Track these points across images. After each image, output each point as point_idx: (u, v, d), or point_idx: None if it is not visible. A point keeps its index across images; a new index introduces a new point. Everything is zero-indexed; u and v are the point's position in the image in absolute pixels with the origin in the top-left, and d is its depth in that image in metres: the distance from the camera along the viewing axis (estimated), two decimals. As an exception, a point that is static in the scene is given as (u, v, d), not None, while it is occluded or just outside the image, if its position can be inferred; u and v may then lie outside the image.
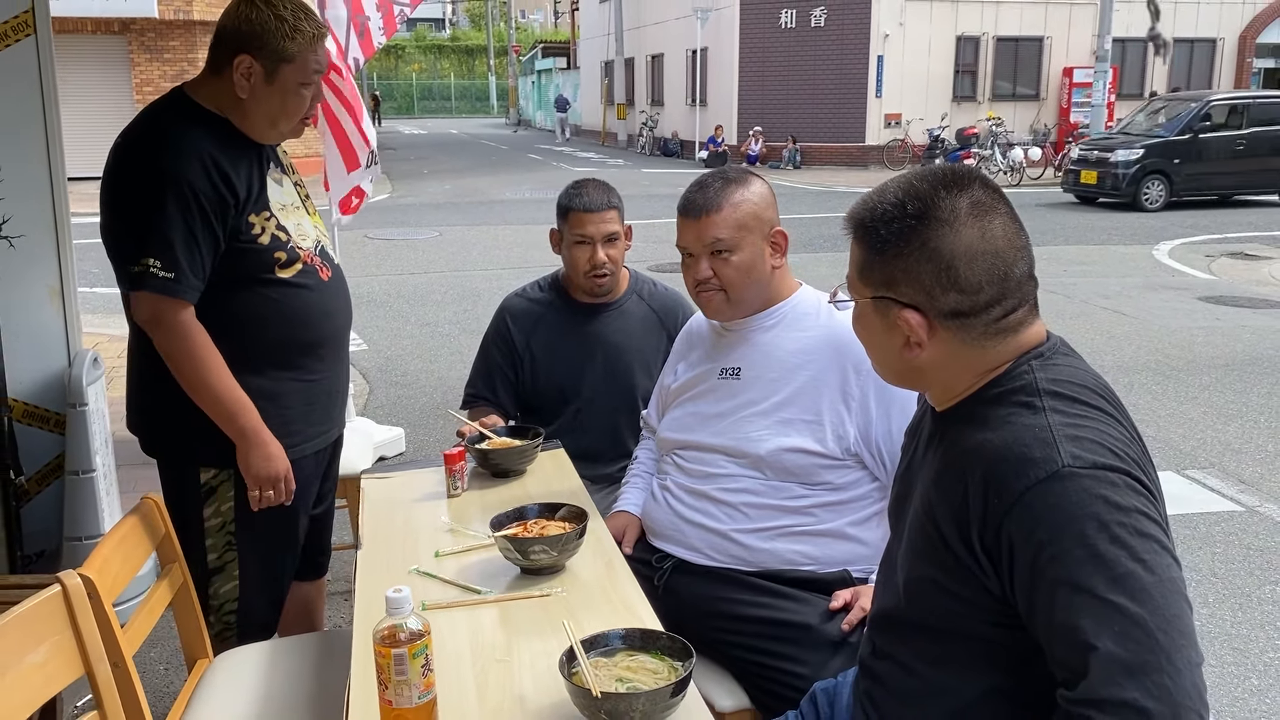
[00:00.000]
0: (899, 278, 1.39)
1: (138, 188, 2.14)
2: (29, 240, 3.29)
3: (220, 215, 2.17)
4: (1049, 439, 1.28)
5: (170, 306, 2.13)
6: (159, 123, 2.21)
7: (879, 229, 1.40)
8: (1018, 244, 1.38)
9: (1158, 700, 1.16)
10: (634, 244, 2.95)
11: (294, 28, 2.17)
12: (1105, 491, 1.23)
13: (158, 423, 2.32)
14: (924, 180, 1.40)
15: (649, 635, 1.60)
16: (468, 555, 2.06)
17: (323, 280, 2.37)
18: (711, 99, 26.01)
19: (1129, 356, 7.25)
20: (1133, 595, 1.19)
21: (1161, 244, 12.49)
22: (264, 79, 2.20)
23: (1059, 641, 1.24)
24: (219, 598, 2.40)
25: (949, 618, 1.39)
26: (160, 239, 2.10)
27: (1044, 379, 1.36)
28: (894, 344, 1.43)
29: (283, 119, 2.27)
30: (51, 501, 3.38)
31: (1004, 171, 20.06)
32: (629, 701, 1.42)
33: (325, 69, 2.31)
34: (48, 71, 3.28)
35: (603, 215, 2.76)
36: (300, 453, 2.37)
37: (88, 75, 18.34)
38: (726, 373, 2.27)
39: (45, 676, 1.66)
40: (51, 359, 3.37)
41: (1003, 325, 1.38)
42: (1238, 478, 4.92)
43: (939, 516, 1.37)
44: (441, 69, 63.06)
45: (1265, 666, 3.28)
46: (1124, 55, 24.39)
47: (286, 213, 2.35)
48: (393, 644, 1.37)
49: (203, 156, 2.15)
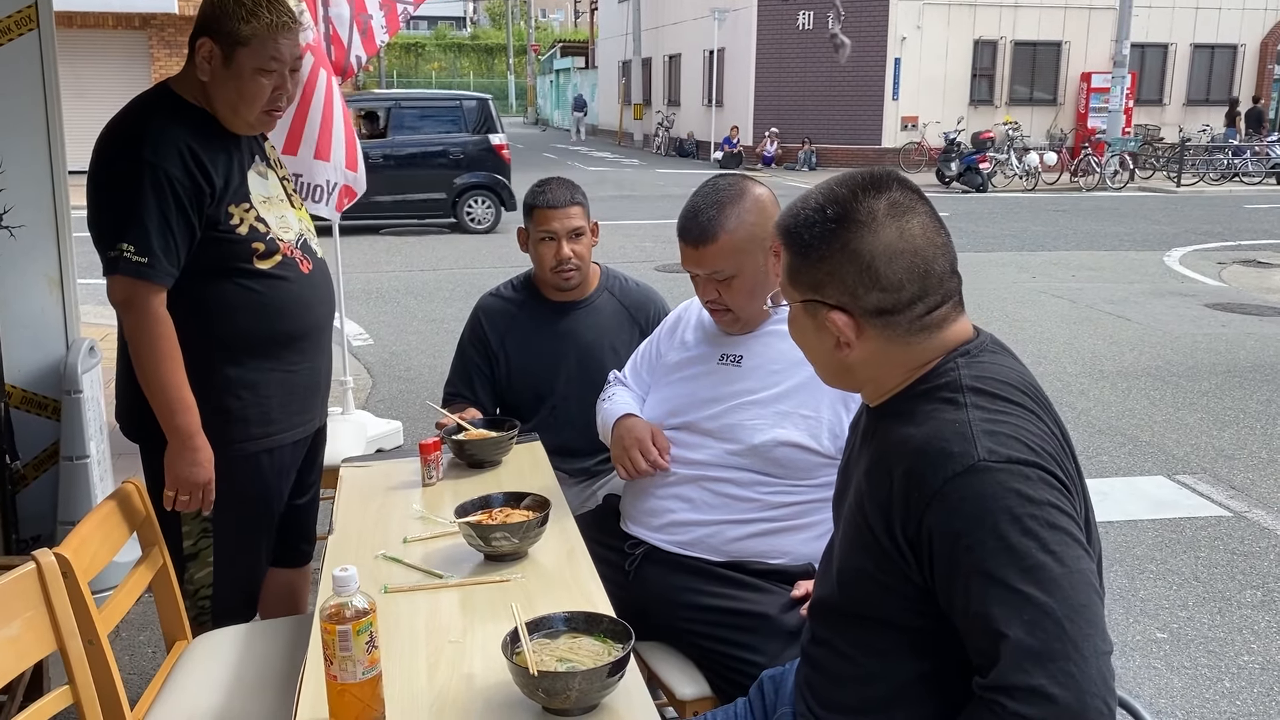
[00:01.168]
0: (824, 280, 1.43)
1: (116, 176, 2.19)
2: (29, 230, 3.36)
3: (196, 204, 2.21)
4: (967, 434, 1.32)
5: (141, 290, 2.18)
6: (140, 114, 2.26)
7: (802, 234, 1.45)
8: (937, 241, 1.43)
9: (1063, 687, 1.21)
10: (647, 244, 3.03)
11: (250, 12, 2.19)
12: (1018, 485, 1.28)
13: (140, 410, 2.35)
14: (843, 185, 1.45)
15: (592, 618, 1.64)
16: (434, 542, 2.11)
17: (303, 273, 2.41)
18: (728, 100, 26.04)
19: (1129, 362, 7.25)
20: (1042, 585, 1.24)
21: (1173, 250, 12.46)
22: (222, 62, 2.23)
23: (973, 630, 1.29)
24: (194, 583, 2.45)
25: (878, 606, 1.44)
26: (136, 225, 2.15)
27: (968, 375, 1.41)
28: (825, 345, 1.48)
29: (242, 105, 2.27)
30: (47, 487, 3.45)
31: (1019, 176, 20.03)
32: (565, 680, 1.46)
33: (290, 62, 2.29)
34: (50, 65, 3.35)
35: (566, 211, 2.81)
36: (278, 442, 2.43)
37: (108, 69, 18.52)
38: (727, 358, 2.28)
39: (19, 650, 1.72)
40: (49, 347, 3.44)
41: (927, 321, 1.43)
42: (1229, 483, 4.93)
43: (868, 509, 1.42)
44: (461, 67, 63.23)
45: (1239, 670, 3.30)
46: (1143, 61, 24.29)
47: (269, 205, 2.39)
48: (338, 620, 1.42)
49: (180, 146, 2.19)
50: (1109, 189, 19.77)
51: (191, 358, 2.26)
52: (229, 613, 2.49)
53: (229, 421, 2.35)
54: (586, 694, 1.48)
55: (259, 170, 2.41)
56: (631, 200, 17.42)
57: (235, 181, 2.30)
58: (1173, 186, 20.31)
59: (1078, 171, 20.44)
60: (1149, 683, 3.23)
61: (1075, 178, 20.42)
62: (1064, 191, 19.49)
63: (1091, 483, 5.12)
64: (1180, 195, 19.23)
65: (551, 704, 1.49)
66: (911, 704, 1.44)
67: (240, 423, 2.36)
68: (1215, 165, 21.49)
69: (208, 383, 2.30)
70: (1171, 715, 3.07)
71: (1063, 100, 24.48)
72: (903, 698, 1.44)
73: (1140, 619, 3.64)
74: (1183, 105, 25.16)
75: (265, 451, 2.42)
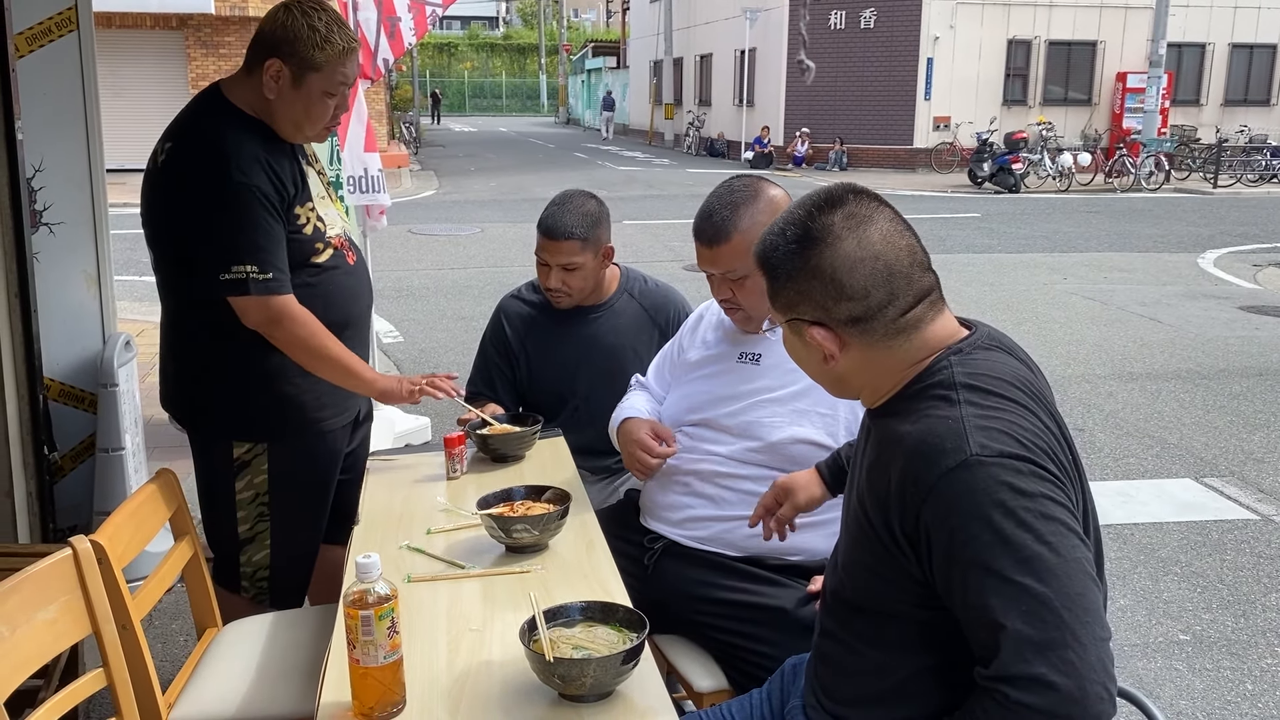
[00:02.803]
0: (796, 300, 1.49)
1: (213, 199, 2.26)
2: (68, 228, 3.45)
3: (281, 212, 2.33)
4: (960, 430, 1.35)
5: (277, 304, 2.30)
6: (214, 131, 2.32)
7: (771, 259, 1.50)
8: (900, 245, 1.46)
9: (1064, 675, 1.24)
10: (675, 244, 3.05)
11: (325, 39, 2.29)
12: (1010, 478, 1.31)
13: (191, 397, 2.46)
14: (801, 207, 1.51)
15: (608, 608, 1.68)
16: (457, 533, 2.16)
17: (349, 264, 2.52)
18: (759, 99, 26.01)
19: (1159, 364, 7.20)
20: (1039, 576, 1.27)
21: (1208, 252, 12.34)
22: (291, 83, 2.31)
23: (973, 622, 1.32)
24: (251, 565, 2.55)
25: (881, 600, 1.47)
26: (250, 244, 2.26)
27: (961, 373, 1.44)
28: (815, 359, 1.53)
29: (306, 124, 2.38)
30: (84, 478, 3.54)
31: (1053, 177, 19.87)
32: (580, 667, 1.50)
33: (352, 82, 2.41)
34: (89, 66, 3.44)
35: (559, 245, 2.78)
36: (330, 426, 2.54)
37: (145, 69, 18.81)
38: (746, 356, 2.32)
39: (55, 634, 1.78)
40: (87, 341, 3.53)
41: (903, 323, 1.46)
42: (1257, 487, 4.90)
43: (869, 505, 1.46)
44: (493, 67, 63.54)
45: (1261, 673, 3.29)
46: (1180, 60, 24.03)
47: (322, 203, 2.51)
48: (360, 606, 1.47)
49: (259, 160, 2.29)
50: (1143, 190, 19.57)
51: (251, 347, 2.35)
52: (287, 592, 2.60)
53: (286, 407, 2.44)
54: (601, 680, 1.52)
55: (313, 168, 2.54)
56: (661, 200, 17.45)
57: (300, 184, 2.43)
58: (1209, 188, 20.08)
59: (1112, 172, 20.25)
60: (1170, 684, 3.23)
61: (1109, 179, 20.24)
62: (1098, 192, 19.32)
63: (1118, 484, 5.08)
64: (1216, 197, 19.02)
65: (567, 690, 1.53)
66: (917, 696, 1.47)
67: (296, 408, 2.45)
68: (1253, 166, 21.22)
69: (264, 370, 2.39)
70: (1192, 717, 3.06)
71: (1097, 100, 24.26)
72: (908, 690, 1.48)
73: (1163, 621, 3.63)
74: (1220, 105, 24.85)
75: (320, 435, 2.51)
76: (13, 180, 3.14)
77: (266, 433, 2.44)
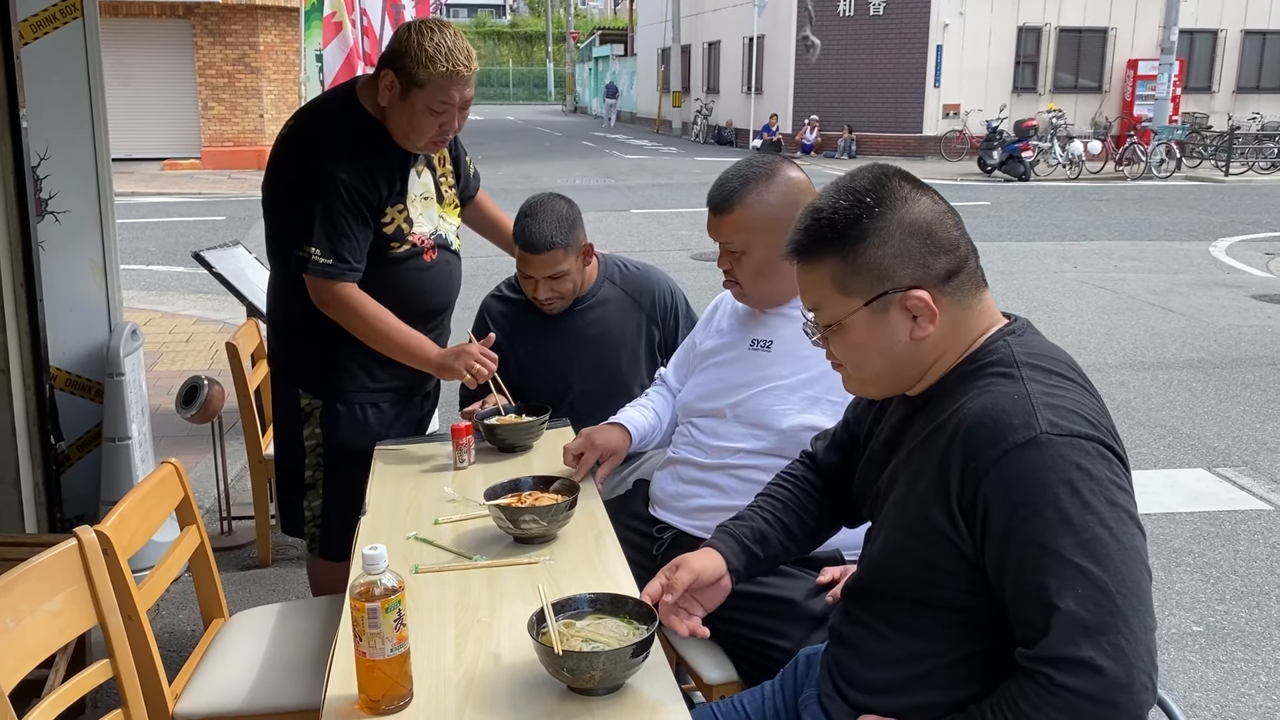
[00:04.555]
0: (890, 264, 1.42)
1: (300, 182, 2.50)
2: (74, 217, 3.44)
3: (368, 206, 2.52)
4: (1028, 406, 1.33)
5: (330, 288, 2.51)
6: (321, 124, 2.58)
7: (849, 231, 1.43)
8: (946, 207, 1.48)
9: (1113, 660, 1.23)
10: (683, 233, 3.00)
11: (430, 58, 2.40)
12: (1080, 459, 1.29)
13: (277, 349, 2.78)
14: (856, 180, 1.47)
15: (617, 600, 1.66)
16: (464, 524, 2.14)
17: (425, 262, 2.67)
18: (767, 87, 25.93)
19: (1171, 353, 7.15)
20: (1098, 560, 1.25)
21: (1220, 240, 12.26)
22: (399, 95, 2.46)
23: (1024, 600, 1.30)
24: (310, 510, 2.77)
25: (923, 587, 1.44)
26: (319, 231, 2.47)
27: (1020, 352, 1.42)
28: (900, 339, 1.45)
29: (412, 134, 2.51)
30: (91, 468, 3.54)
31: (1063, 165, 19.76)
32: (590, 660, 1.48)
33: (458, 104, 2.49)
34: (94, 54, 3.42)
35: (542, 258, 2.68)
36: (380, 399, 2.72)
37: (152, 58, 18.77)
38: (758, 344, 2.30)
39: (61, 624, 1.77)
40: (93, 331, 3.52)
41: (978, 276, 1.47)
42: (1270, 477, 4.86)
43: (919, 487, 1.42)
44: (500, 55, 63.40)
45: (1276, 664, 3.26)
46: (1191, 48, 23.86)
47: (416, 203, 2.65)
48: (367, 598, 1.45)
49: (357, 158, 2.49)
50: (1155, 178, 19.45)
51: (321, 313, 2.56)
52: (332, 548, 2.75)
53: (343, 372, 2.66)
54: (611, 674, 1.49)
55: (417, 169, 2.66)
56: (668, 188, 17.40)
57: (398, 187, 2.59)
58: (1221, 176, 19.95)
59: (1122, 160, 20.13)
60: (1183, 676, 3.20)
61: (1120, 166, 20.12)
62: (1108, 180, 19.21)
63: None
64: (1228, 184, 18.90)
65: (576, 683, 1.51)
66: (949, 684, 1.44)
67: (351, 375, 2.66)
68: (1265, 154, 21.07)
69: (330, 335, 2.59)
70: (1205, 709, 3.04)
71: (1108, 88, 24.10)
72: (942, 677, 1.45)
73: (1176, 612, 3.60)
74: (1232, 93, 24.68)
75: (371, 405, 2.70)
76: (18, 168, 3.13)
77: (324, 390, 2.67)
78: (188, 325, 7.53)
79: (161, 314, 7.85)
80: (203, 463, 4.58)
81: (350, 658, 1.55)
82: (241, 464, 4.48)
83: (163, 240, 11.43)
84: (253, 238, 10.98)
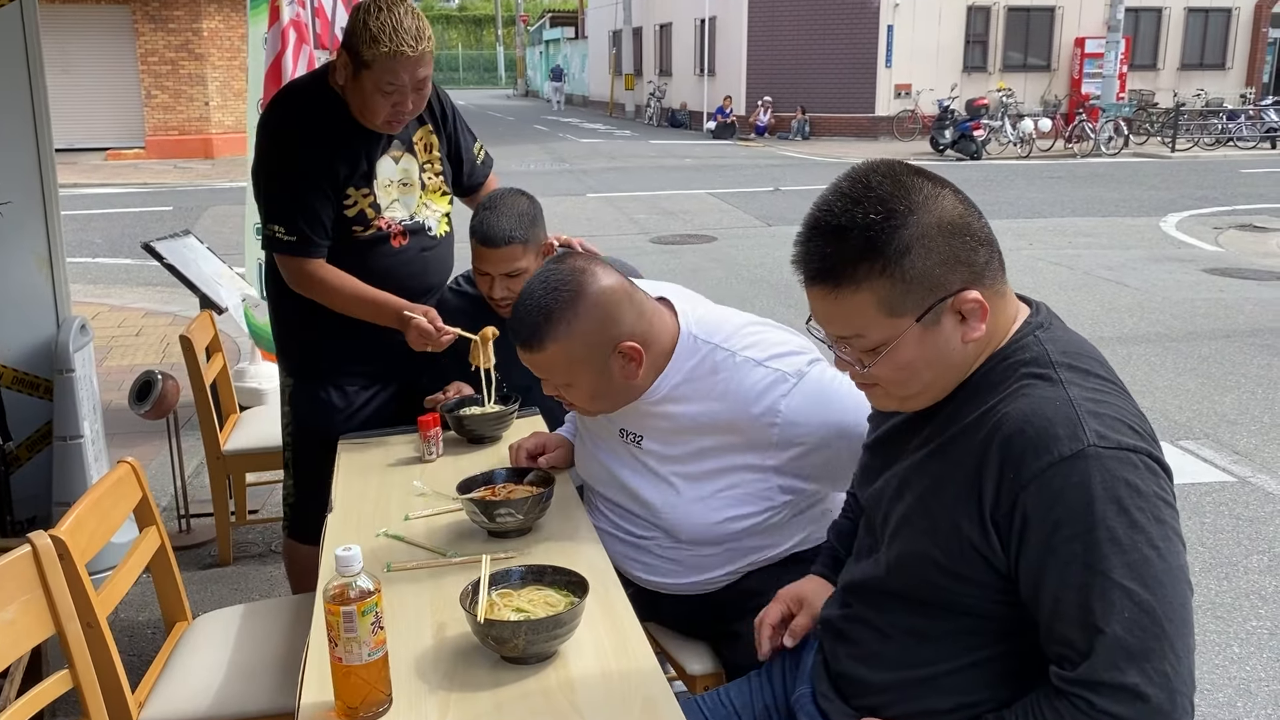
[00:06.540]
0: (937, 271, 1.29)
1: (266, 160, 2.55)
2: (16, 208, 3.30)
3: (329, 185, 2.50)
4: (1072, 415, 1.25)
5: (296, 263, 2.54)
6: (289, 103, 2.58)
7: (886, 247, 1.28)
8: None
9: (1158, 687, 1.18)
10: (640, 217, 2.93)
11: (374, 38, 2.33)
12: (1129, 474, 1.21)
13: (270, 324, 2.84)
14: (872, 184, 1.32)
15: (555, 570, 1.68)
16: (436, 519, 2.08)
17: (394, 247, 2.62)
18: (720, 69, 25.87)
19: (1129, 328, 7.22)
20: (1145, 582, 1.19)
21: (1170, 215, 12.42)
22: (351, 75, 2.43)
23: (1064, 619, 1.23)
24: (286, 489, 2.87)
25: (941, 593, 1.37)
26: (281, 209, 2.50)
27: (1055, 350, 1.34)
28: (952, 346, 1.33)
29: (367, 113, 2.47)
30: (42, 468, 3.41)
31: (1014, 143, 19.94)
32: (512, 629, 1.50)
33: (409, 84, 2.40)
34: (33, 39, 3.28)
35: (500, 253, 2.51)
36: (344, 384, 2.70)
37: (92, 45, 18.32)
38: (628, 435, 2.04)
39: (15, 635, 1.68)
40: (40, 326, 3.39)
41: (1002, 263, 1.37)
42: (1231, 449, 4.91)
43: (946, 495, 1.34)
44: (449, 39, 62.76)
45: (1247, 635, 3.29)
46: (1137, 25, 24.14)
47: (390, 189, 2.61)
48: (342, 602, 1.38)
49: (316, 138, 2.48)
50: (1104, 155, 19.69)
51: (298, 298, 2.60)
52: (300, 530, 2.77)
53: (310, 352, 2.70)
54: (534, 642, 1.51)
55: (394, 155, 2.61)
56: (624, 172, 17.30)
57: (362, 169, 2.54)
58: (1167, 152, 20.24)
59: (1072, 138, 20.35)
60: (1156, 649, 3.21)
61: (1070, 144, 20.34)
62: (1059, 158, 19.41)
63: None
64: (1175, 160, 19.17)
65: (503, 651, 1.53)
66: (961, 689, 1.38)
67: (318, 355, 2.68)
68: (1210, 130, 21.42)
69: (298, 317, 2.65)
70: (1179, 681, 3.05)
71: (1056, 66, 24.34)
72: (953, 682, 1.39)
73: (1145, 585, 3.62)
74: (1177, 70, 25.03)
75: (335, 388, 2.69)
76: (-44, 158, 3.00)
77: (295, 369, 2.74)
78: (137, 318, 7.35)
79: (109, 307, 7.65)
80: (157, 459, 4.45)
81: (325, 662, 1.49)
82: (198, 460, 4.37)
83: (108, 232, 11.16)
84: (201, 228, 10.77)
